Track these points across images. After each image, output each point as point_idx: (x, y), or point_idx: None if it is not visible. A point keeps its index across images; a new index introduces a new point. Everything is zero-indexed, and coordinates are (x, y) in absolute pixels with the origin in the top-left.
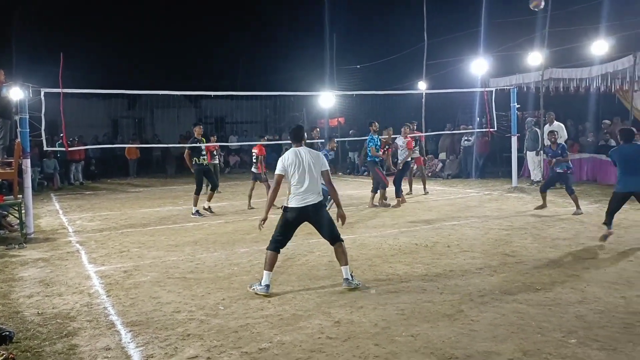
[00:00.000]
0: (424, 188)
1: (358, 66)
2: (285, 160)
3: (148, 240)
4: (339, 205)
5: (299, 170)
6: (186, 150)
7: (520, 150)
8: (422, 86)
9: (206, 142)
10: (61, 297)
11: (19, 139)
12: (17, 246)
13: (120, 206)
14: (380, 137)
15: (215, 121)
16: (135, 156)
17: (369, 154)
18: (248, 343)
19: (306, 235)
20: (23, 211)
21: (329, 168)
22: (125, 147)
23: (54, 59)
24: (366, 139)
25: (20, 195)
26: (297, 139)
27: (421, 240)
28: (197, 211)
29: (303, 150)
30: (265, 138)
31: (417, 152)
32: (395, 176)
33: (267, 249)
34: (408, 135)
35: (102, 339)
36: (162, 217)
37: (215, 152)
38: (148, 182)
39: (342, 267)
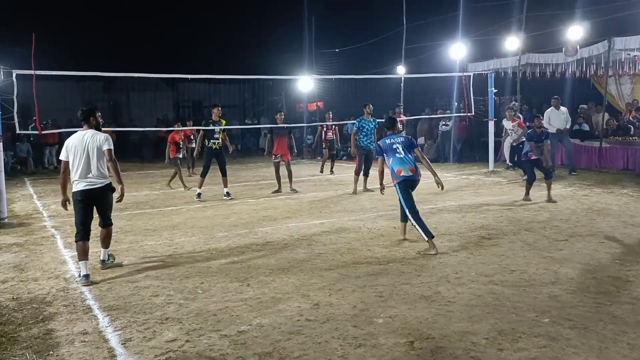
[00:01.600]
0: None
1: (337, 50)
2: (67, 145)
3: (125, 224)
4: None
5: (78, 155)
6: (201, 132)
7: (497, 134)
8: (400, 70)
9: (225, 125)
10: (36, 282)
11: None
12: None
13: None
14: (374, 119)
15: (193, 105)
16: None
17: (361, 138)
18: (227, 326)
19: (284, 219)
20: None
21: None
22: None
23: (26, 40)
24: (346, 123)
25: None
26: (85, 120)
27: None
28: (200, 194)
29: (88, 133)
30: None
31: None
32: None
33: (76, 241)
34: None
35: (79, 324)
36: (140, 201)
37: (192, 137)
38: (124, 167)
39: (102, 249)
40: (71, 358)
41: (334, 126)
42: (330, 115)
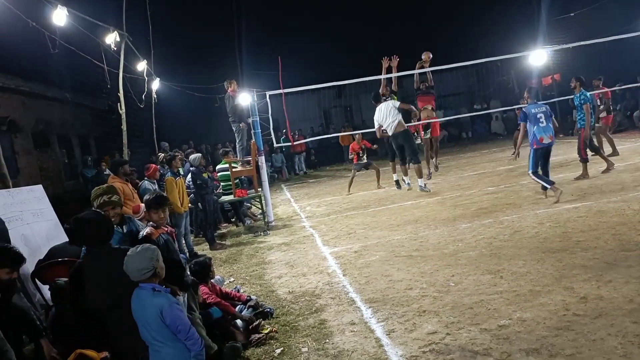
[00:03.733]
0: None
1: (572, 14)
2: None
3: (371, 221)
4: None
5: None
6: None
7: None
8: None
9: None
10: (305, 277)
11: (253, 139)
12: (262, 233)
13: (341, 191)
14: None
15: None
16: (348, 142)
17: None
18: (486, 320)
19: (531, 205)
20: (263, 202)
21: None
22: (339, 136)
23: (272, 63)
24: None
25: (260, 189)
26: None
27: None
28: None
29: None
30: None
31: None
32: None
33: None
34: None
35: (346, 315)
36: (381, 198)
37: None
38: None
39: None
40: (345, 346)
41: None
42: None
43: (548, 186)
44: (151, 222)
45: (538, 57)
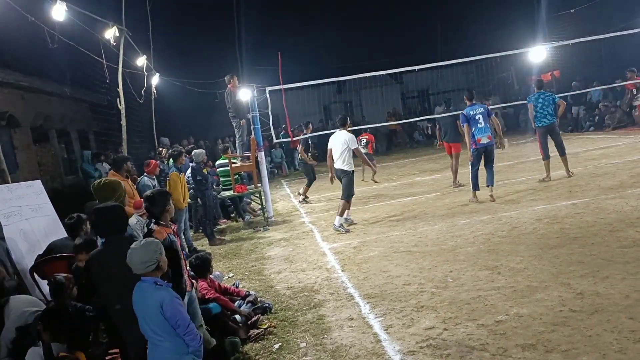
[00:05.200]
0: None
1: (572, 10)
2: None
3: (370, 217)
4: None
5: None
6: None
7: None
8: None
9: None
10: (304, 272)
11: (253, 135)
12: (262, 229)
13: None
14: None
15: (419, 94)
16: None
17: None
18: (483, 315)
19: (530, 202)
20: (263, 198)
21: None
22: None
23: (272, 59)
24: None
25: (260, 184)
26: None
27: None
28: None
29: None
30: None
31: None
32: None
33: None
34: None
35: (344, 310)
36: (380, 194)
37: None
38: (359, 162)
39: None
40: (343, 341)
41: None
42: None
43: (473, 189)
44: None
45: (538, 53)
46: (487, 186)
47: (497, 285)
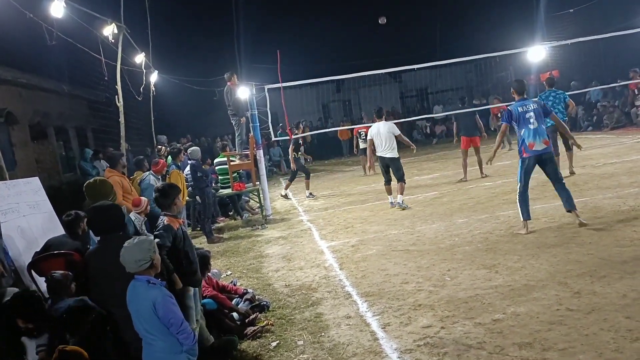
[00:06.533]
0: None
1: (571, 10)
2: None
3: (368, 215)
4: None
5: None
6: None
7: None
8: None
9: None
10: (302, 270)
11: (251, 133)
12: (260, 227)
13: (339, 185)
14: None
15: (418, 93)
16: (347, 137)
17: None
18: (480, 314)
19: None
20: (261, 196)
21: None
22: (337, 130)
23: (271, 57)
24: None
25: (258, 182)
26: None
27: None
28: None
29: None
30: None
31: None
32: None
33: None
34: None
35: (342, 308)
36: (378, 192)
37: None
38: (360, 161)
39: None
40: (340, 339)
41: None
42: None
43: (522, 217)
44: (164, 212)
45: (536, 53)
46: (569, 211)
47: (495, 284)
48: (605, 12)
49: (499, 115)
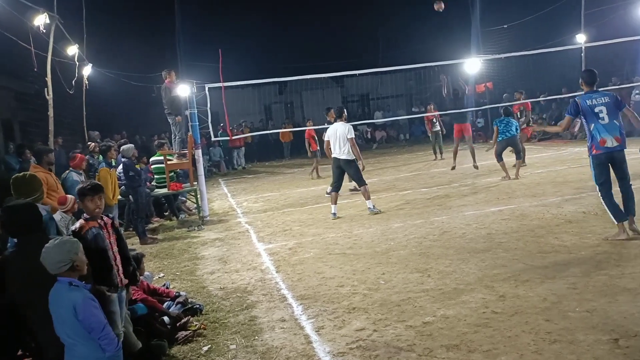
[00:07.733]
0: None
1: (505, 26)
2: None
3: (307, 218)
4: None
5: None
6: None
7: None
8: (581, 39)
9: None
10: (238, 273)
11: (190, 132)
12: (196, 228)
13: (279, 187)
14: None
15: (360, 98)
16: (288, 139)
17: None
18: (412, 317)
19: (460, 207)
20: (199, 196)
21: None
22: (279, 132)
23: (212, 55)
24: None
25: (196, 182)
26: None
27: (590, 208)
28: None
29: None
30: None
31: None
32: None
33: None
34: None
35: (277, 312)
36: (318, 195)
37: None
38: (301, 163)
39: None
40: (274, 343)
41: None
42: None
43: (615, 220)
44: (84, 214)
45: (472, 64)
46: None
47: (426, 287)
48: (536, 29)
49: (434, 121)
